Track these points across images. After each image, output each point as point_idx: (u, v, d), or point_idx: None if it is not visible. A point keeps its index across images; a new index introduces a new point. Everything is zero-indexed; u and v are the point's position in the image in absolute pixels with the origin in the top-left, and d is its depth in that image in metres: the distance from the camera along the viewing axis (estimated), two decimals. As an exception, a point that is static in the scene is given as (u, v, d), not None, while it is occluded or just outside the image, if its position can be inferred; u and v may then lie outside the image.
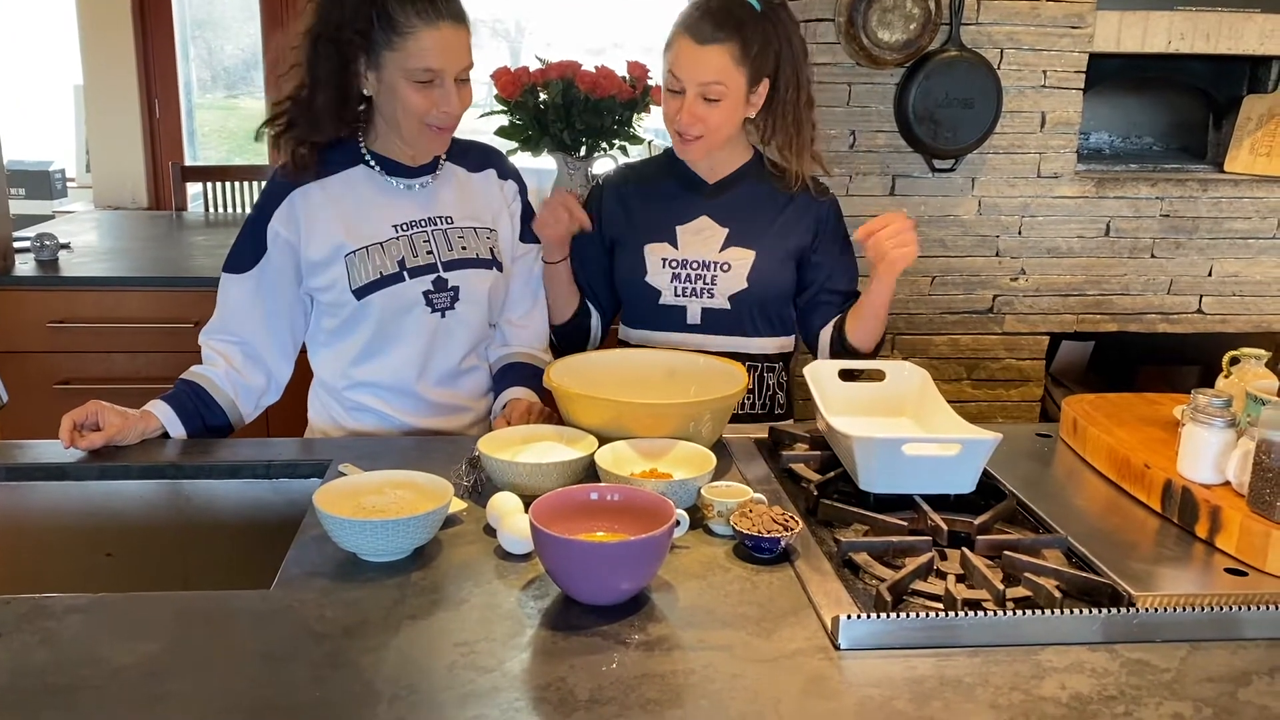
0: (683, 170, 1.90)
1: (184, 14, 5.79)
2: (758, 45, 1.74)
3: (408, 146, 1.72)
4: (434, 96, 1.62)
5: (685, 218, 1.88)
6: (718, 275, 1.84)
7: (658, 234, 1.88)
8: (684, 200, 1.89)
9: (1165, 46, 2.79)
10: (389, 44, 1.59)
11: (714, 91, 1.74)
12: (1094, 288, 2.91)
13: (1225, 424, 1.33)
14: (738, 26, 1.73)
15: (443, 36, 1.59)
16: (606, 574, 1.12)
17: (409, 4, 1.58)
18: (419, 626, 1.10)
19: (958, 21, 2.66)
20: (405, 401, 1.77)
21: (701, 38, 1.73)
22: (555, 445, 1.48)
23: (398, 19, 1.58)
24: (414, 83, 1.60)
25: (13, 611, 1.11)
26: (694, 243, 1.86)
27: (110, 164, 5.50)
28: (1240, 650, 1.10)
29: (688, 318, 1.87)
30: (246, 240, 1.72)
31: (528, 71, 2.96)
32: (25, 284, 2.69)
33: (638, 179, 1.95)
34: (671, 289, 1.87)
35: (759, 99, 1.80)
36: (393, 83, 1.62)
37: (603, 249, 1.94)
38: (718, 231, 1.86)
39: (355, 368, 1.76)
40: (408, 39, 1.58)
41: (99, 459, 1.53)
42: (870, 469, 1.38)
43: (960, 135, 2.71)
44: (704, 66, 1.73)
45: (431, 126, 1.65)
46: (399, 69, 1.60)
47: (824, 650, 1.07)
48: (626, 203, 1.93)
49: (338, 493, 1.28)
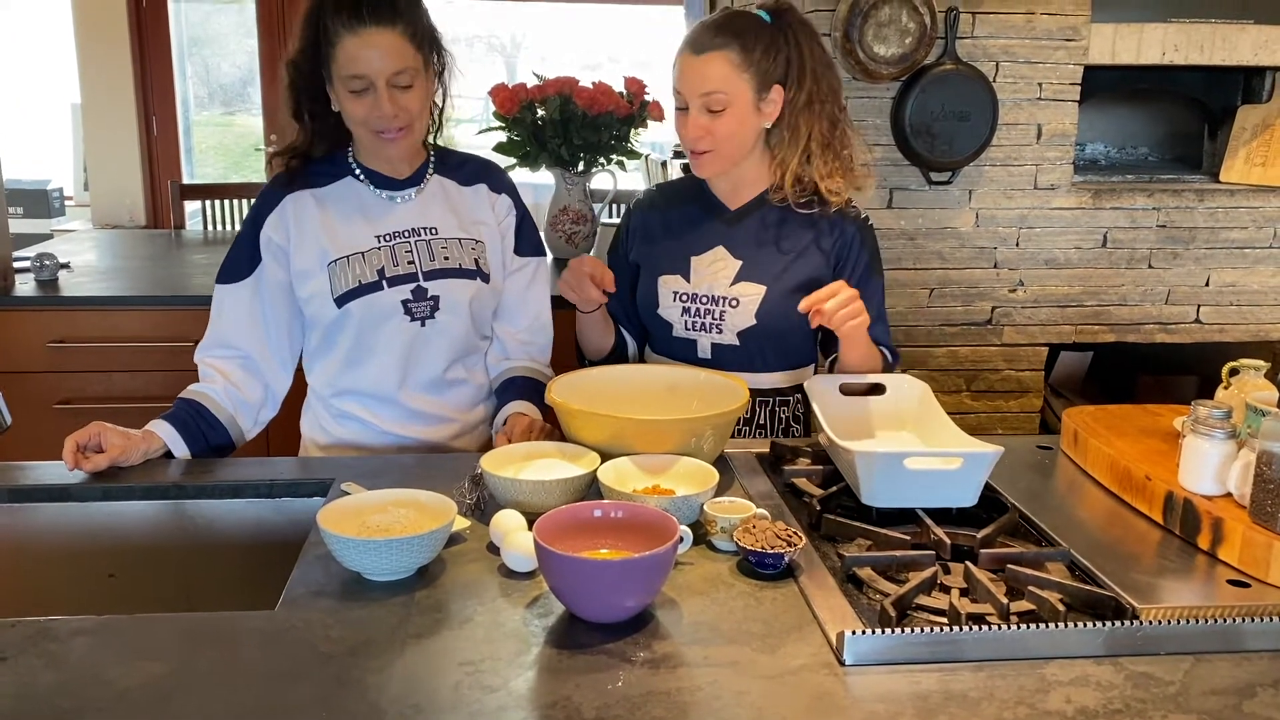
0: (706, 193, 1.87)
1: (181, 32, 5.81)
2: (761, 49, 1.71)
3: (366, 156, 1.75)
4: (368, 103, 1.63)
5: (700, 248, 1.84)
6: (726, 311, 1.80)
7: (672, 265, 1.85)
8: (702, 228, 1.85)
9: (1160, 58, 2.80)
10: (330, 57, 1.62)
11: (716, 101, 1.71)
12: (1092, 298, 2.92)
13: (1225, 435, 1.33)
14: (737, 33, 1.71)
15: (366, 41, 1.59)
16: (611, 592, 1.12)
17: (336, 13, 1.60)
18: (424, 646, 1.10)
19: (953, 35, 2.68)
20: (388, 409, 1.78)
21: (699, 48, 1.71)
22: (558, 462, 1.48)
23: (331, 29, 1.61)
24: (349, 91, 1.63)
25: (18, 634, 1.11)
26: (706, 276, 1.82)
27: (108, 182, 5.51)
28: (1244, 662, 1.10)
29: (698, 351, 1.84)
30: (241, 249, 1.73)
31: (525, 88, 2.97)
32: (25, 304, 2.69)
33: (665, 202, 1.92)
34: (682, 323, 1.84)
35: (772, 107, 1.75)
36: (337, 92, 1.65)
37: (630, 274, 1.92)
38: (730, 264, 1.82)
39: (340, 376, 1.77)
40: (336, 48, 1.61)
41: (102, 480, 1.53)
42: (872, 483, 1.38)
43: (957, 148, 2.72)
44: (703, 76, 1.71)
45: (376, 133, 1.66)
46: (338, 79, 1.63)
47: (829, 666, 1.07)
48: (650, 228, 1.90)
49: (341, 512, 1.28)
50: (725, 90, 1.71)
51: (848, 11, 2.58)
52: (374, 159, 1.75)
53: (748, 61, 1.70)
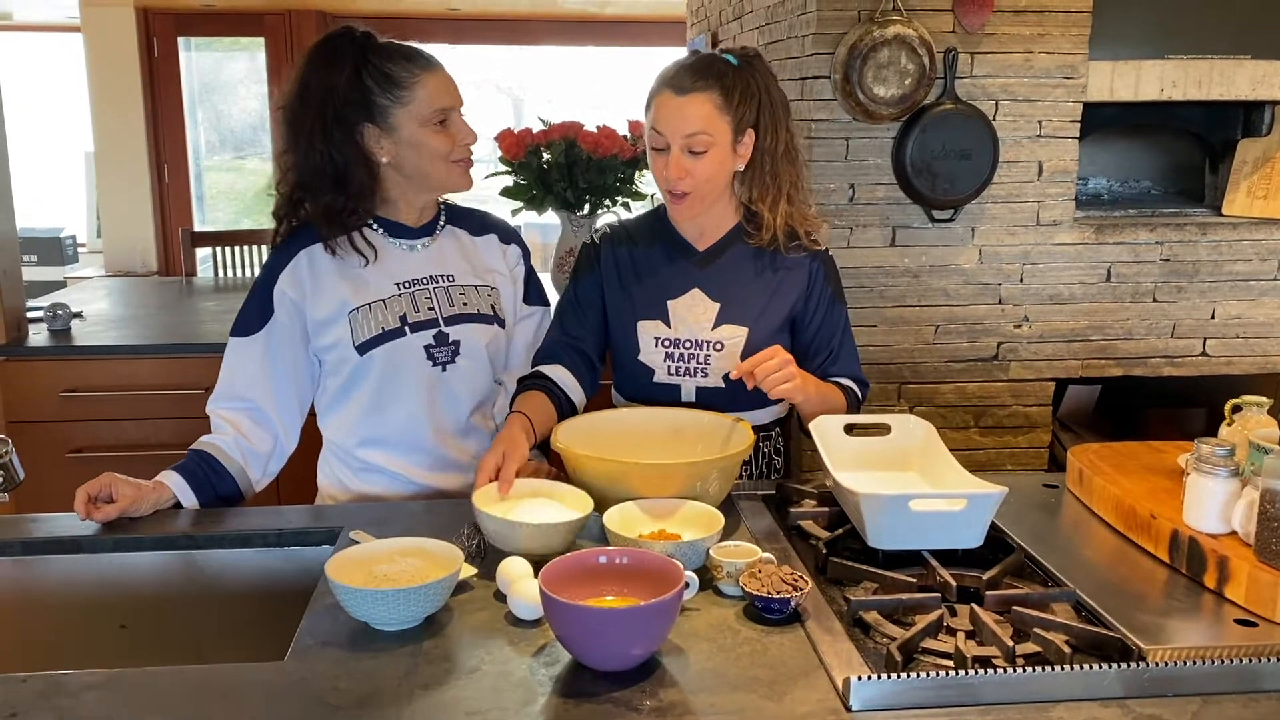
0: (671, 233, 1.86)
1: (192, 80, 5.90)
2: (739, 93, 1.73)
3: (437, 192, 1.80)
4: (452, 134, 1.72)
5: (676, 291, 1.84)
6: (711, 354, 1.81)
7: (649, 310, 1.84)
8: (674, 270, 1.85)
9: (1158, 95, 2.82)
10: (398, 100, 1.67)
11: (699, 143, 1.71)
12: (1097, 333, 2.93)
13: (1229, 473, 1.33)
14: (718, 76, 1.73)
15: (442, 78, 1.72)
16: (617, 640, 1.13)
17: (403, 59, 1.68)
18: (432, 696, 1.11)
19: (952, 75, 2.70)
20: (415, 457, 1.79)
21: (682, 89, 1.72)
22: (547, 503, 1.49)
23: (399, 75, 1.68)
24: (432, 126, 1.69)
25: (30, 689, 1.12)
26: (686, 320, 1.82)
27: (121, 229, 5.57)
28: (1252, 703, 1.10)
29: (682, 395, 1.83)
30: (253, 303, 1.75)
31: (531, 133, 3.01)
32: (39, 354, 2.72)
33: (629, 240, 1.90)
34: (665, 368, 1.83)
35: (746, 150, 1.78)
36: (412, 136, 1.69)
37: (600, 308, 1.89)
38: (709, 307, 1.82)
39: (363, 424, 1.78)
40: (414, 89, 1.68)
41: (112, 531, 1.54)
42: (878, 525, 1.39)
43: (958, 186, 2.74)
44: (686, 117, 1.71)
45: (459, 162, 1.74)
46: (414, 119, 1.69)
47: (836, 712, 1.07)
48: (620, 269, 1.88)
49: (349, 562, 1.29)
50: (709, 131, 1.72)
51: (847, 54, 2.61)
52: (399, 210, 1.78)
53: (728, 104, 1.73)
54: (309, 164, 1.69)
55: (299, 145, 1.69)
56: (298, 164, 1.70)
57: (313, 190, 1.70)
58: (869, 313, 2.81)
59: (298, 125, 1.68)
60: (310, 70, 1.68)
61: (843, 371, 1.85)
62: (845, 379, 1.85)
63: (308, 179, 1.70)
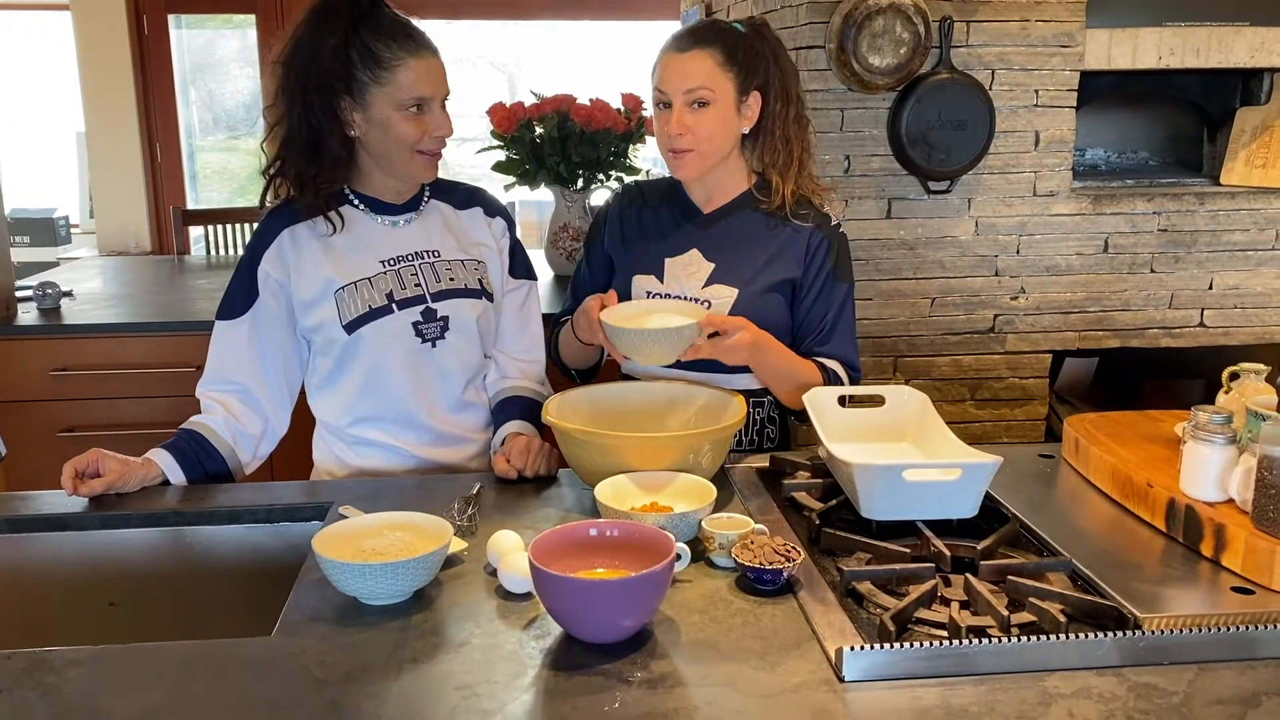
0: (681, 196, 1.89)
1: (183, 59, 5.85)
2: (743, 54, 1.75)
3: (399, 179, 1.75)
4: (425, 123, 1.67)
5: (675, 250, 1.86)
6: None
7: (646, 265, 1.87)
8: (678, 231, 1.88)
9: (1156, 63, 2.80)
10: (376, 79, 1.64)
11: (701, 95, 1.73)
12: (1095, 304, 2.91)
13: (1226, 441, 1.32)
14: (720, 35, 1.76)
15: (427, 65, 1.66)
16: (607, 612, 1.12)
17: (391, 39, 1.64)
18: (420, 670, 1.09)
19: (947, 44, 2.67)
20: (413, 433, 1.77)
21: (683, 46, 1.76)
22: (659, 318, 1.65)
23: (383, 54, 1.63)
24: (405, 112, 1.65)
25: (13, 666, 1.10)
26: (679, 277, 1.84)
27: (113, 209, 5.53)
28: (1249, 670, 1.09)
29: None
30: (238, 286, 1.73)
31: (523, 106, 2.98)
32: (28, 333, 2.70)
33: (642, 200, 1.94)
34: None
35: (751, 112, 1.79)
36: (383, 117, 1.65)
37: (607, 268, 1.94)
38: (704, 266, 1.83)
39: (355, 404, 1.76)
40: (395, 71, 1.63)
41: (100, 508, 1.53)
42: (871, 496, 1.38)
43: (954, 156, 2.71)
44: (688, 72, 1.74)
45: (424, 153, 1.70)
46: (389, 102, 1.64)
47: (829, 683, 1.06)
48: (626, 226, 1.92)
49: (337, 536, 1.28)
50: (710, 86, 1.74)
51: (841, 23, 2.58)
52: (380, 187, 1.75)
53: (731, 61, 1.75)
54: (289, 124, 1.67)
55: (281, 103, 1.66)
56: (283, 121, 1.67)
57: (291, 150, 1.68)
58: (865, 286, 2.79)
59: (284, 83, 1.66)
60: (304, 30, 1.66)
61: (832, 353, 1.82)
62: (830, 360, 1.82)
63: (289, 138, 1.68)
